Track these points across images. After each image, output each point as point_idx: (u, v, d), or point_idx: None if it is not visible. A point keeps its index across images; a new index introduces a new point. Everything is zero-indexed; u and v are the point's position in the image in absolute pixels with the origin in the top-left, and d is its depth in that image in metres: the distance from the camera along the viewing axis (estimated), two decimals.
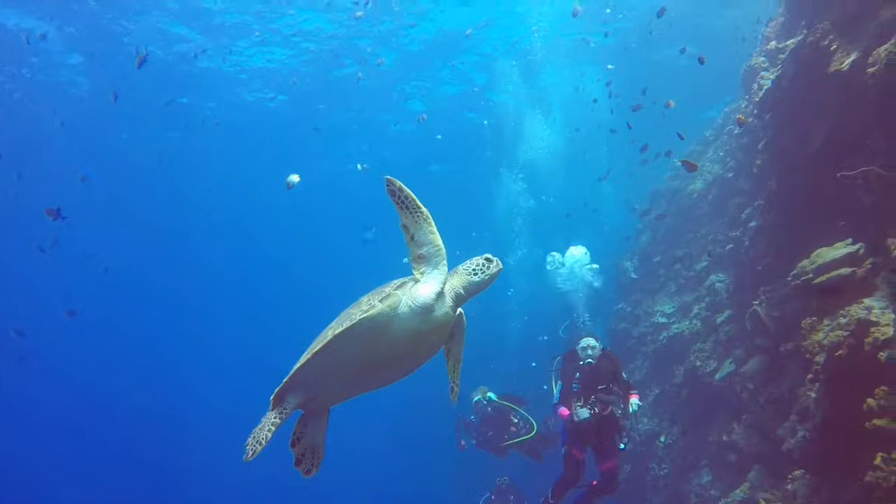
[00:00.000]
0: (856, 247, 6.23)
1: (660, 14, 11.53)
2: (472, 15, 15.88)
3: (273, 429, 3.08)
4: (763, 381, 8.64)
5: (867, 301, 5.77)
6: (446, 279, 3.10)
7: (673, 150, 13.09)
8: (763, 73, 9.12)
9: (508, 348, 19.05)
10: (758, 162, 9.69)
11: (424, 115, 17.09)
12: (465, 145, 22.18)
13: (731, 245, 10.90)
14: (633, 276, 14.54)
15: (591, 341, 7.72)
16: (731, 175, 12.56)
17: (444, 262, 3.04)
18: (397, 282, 3.14)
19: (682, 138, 11.97)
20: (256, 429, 3.10)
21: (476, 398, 10.39)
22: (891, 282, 5.37)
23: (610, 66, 14.63)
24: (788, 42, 8.64)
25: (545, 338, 15.30)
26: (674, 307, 12.81)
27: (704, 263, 12.43)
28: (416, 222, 2.92)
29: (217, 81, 18.25)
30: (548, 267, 13.35)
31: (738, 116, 10.49)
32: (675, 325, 12.27)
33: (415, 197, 2.85)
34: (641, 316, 13.61)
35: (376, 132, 22.09)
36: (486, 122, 20.90)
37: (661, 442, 11.30)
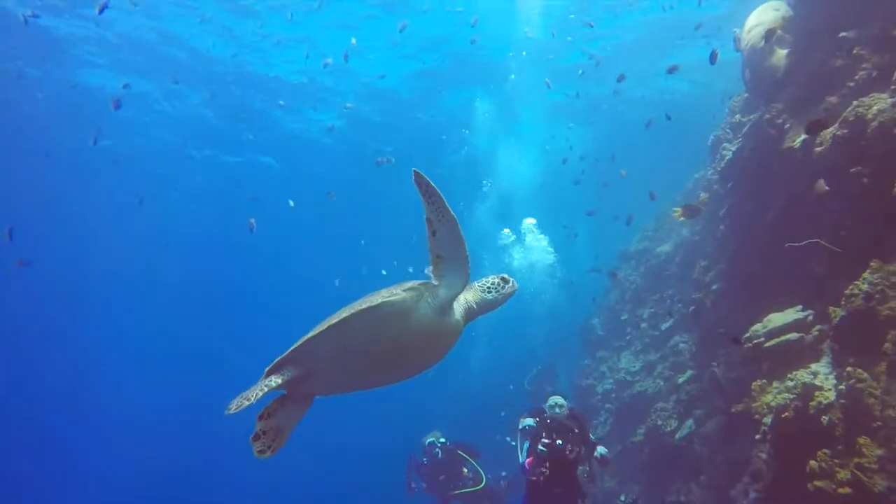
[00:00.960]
0: (805, 314, 6.51)
1: (619, 80, 12.23)
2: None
3: (266, 390, 2.98)
4: (720, 442, 8.77)
5: (814, 366, 6.00)
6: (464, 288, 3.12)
7: (635, 215, 13.57)
8: (726, 143, 9.60)
9: (472, 393, 18.97)
10: (721, 227, 10.09)
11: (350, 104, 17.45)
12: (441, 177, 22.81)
13: (694, 307, 11.18)
14: (600, 332, 14.75)
15: (560, 400, 7.57)
16: (697, 238, 12.97)
17: (467, 270, 3.03)
18: (418, 281, 3.14)
19: (653, 198, 12.43)
20: (247, 390, 3.00)
21: (428, 440, 10.27)
22: (833, 348, 5.60)
23: (570, 125, 15.24)
24: (751, 116, 9.17)
25: (511, 387, 15.30)
26: (639, 365, 12.97)
27: (669, 323, 12.70)
28: (441, 220, 2.83)
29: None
30: (500, 242, 13.42)
31: (701, 197, 11.04)
32: (640, 384, 12.40)
33: (443, 197, 2.76)
34: (606, 373, 13.75)
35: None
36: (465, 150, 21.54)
37: (621, 501, 11.26)
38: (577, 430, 7.17)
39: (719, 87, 14.20)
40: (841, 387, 5.09)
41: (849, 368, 4.92)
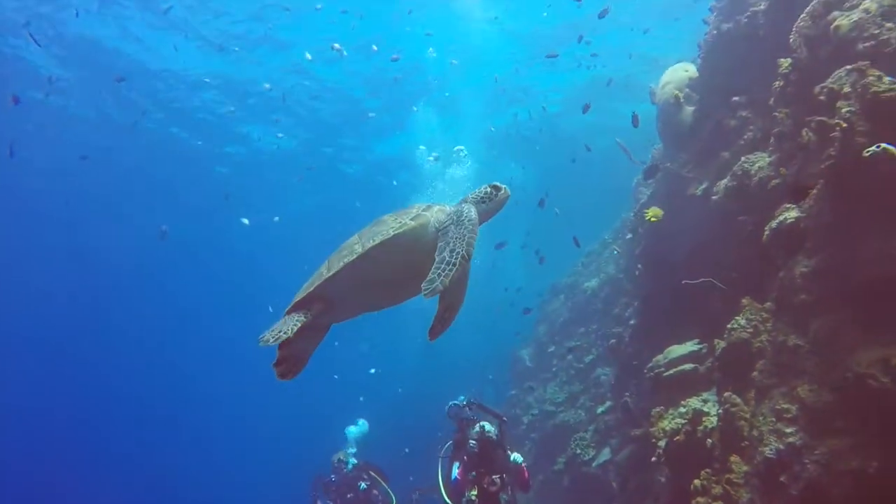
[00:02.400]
0: (700, 346, 7.14)
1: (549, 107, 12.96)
2: None
3: (298, 325, 3.12)
4: (632, 469, 9.25)
5: (705, 394, 6.59)
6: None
7: (566, 250, 14.31)
8: (642, 188, 10.37)
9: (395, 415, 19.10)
10: (638, 266, 10.80)
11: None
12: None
13: (614, 340, 11.81)
14: (529, 364, 15.24)
15: (487, 426, 7.77)
16: (621, 276, 13.72)
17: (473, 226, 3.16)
18: (422, 205, 3.32)
19: (577, 245, 13.13)
20: (278, 324, 3.15)
21: (337, 458, 10.20)
22: (717, 377, 6.20)
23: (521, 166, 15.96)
24: (665, 165, 9.99)
25: (440, 434, 15.43)
26: (563, 396, 13.48)
27: (592, 356, 13.31)
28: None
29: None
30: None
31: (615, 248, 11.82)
32: (563, 414, 12.89)
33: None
34: (532, 403, 14.21)
35: None
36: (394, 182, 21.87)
37: None
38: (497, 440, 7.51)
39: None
40: (719, 411, 5.65)
41: (726, 394, 5.48)
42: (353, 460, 10.05)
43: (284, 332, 3.04)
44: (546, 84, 19.02)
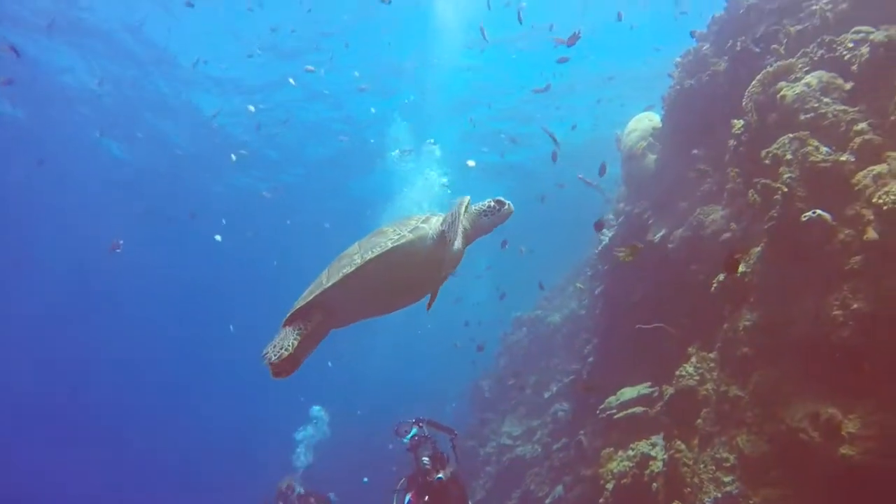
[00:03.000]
0: (651, 389, 7.33)
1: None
2: None
3: (299, 338, 3.17)
4: None
5: (654, 438, 6.75)
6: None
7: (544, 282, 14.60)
8: (604, 230, 10.66)
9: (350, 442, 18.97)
10: (598, 305, 11.05)
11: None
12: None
13: (572, 377, 11.98)
14: (487, 395, 15.31)
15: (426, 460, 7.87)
16: (583, 313, 13.97)
17: (464, 205, 3.29)
18: (421, 216, 3.38)
19: (542, 288, 13.39)
20: (278, 338, 3.20)
21: (285, 484, 10.01)
22: (665, 422, 6.38)
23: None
24: (627, 208, 10.32)
25: (391, 446, 15.42)
26: (521, 430, 13.57)
27: (552, 392, 13.45)
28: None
29: None
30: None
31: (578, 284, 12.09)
32: (520, 448, 12.97)
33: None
34: (490, 435, 14.25)
35: None
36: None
37: None
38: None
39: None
40: (665, 456, 5.82)
41: (671, 440, 5.66)
42: (300, 489, 9.91)
43: (285, 349, 3.12)
44: (517, 127, 19.48)
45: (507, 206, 3.51)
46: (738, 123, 6.36)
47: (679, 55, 9.40)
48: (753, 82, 6.22)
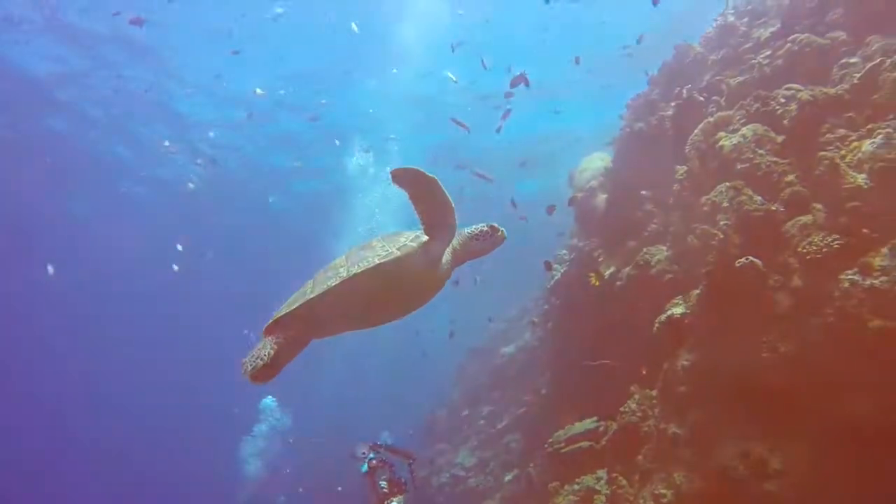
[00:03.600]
0: (597, 424, 7.47)
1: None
2: None
3: (276, 348, 3.13)
4: None
5: (599, 472, 6.86)
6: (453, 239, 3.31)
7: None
8: (556, 266, 10.92)
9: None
10: (551, 339, 11.24)
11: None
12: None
13: (524, 409, 12.10)
14: (441, 426, 15.28)
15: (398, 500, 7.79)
16: (537, 344, 14.14)
17: (454, 225, 3.19)
18: (410, 234, 3.29)
19: (490, 321, 13.53)
20: (257, 347, 3.17)
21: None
22: (609, 457, 6.52)
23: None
24: (580, 244, 10.60)
25: (340, 488, 15.16)
26: (473, 461, 13.55)
27: (505, 422, 13.51)
28: (425, 188, 2.98)
29: None
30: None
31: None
32: (472, 479, 12.94)
33: (421, 173, 2.90)
34: (444, 466, 14.17)
35: None
36: None
37: None
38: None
39: None
40: (608, 491, 5.95)
41: (613, 475, 5.79)
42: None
43: (261, 360, 3.10)
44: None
45: (500, 233, 3.49)
46: (682, 169, 6.68)
47: (630, 98, 9.83)
48: (696, 131, 6.56)
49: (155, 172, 22.00)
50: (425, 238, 3.20)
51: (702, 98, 7.77)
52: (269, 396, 12.32)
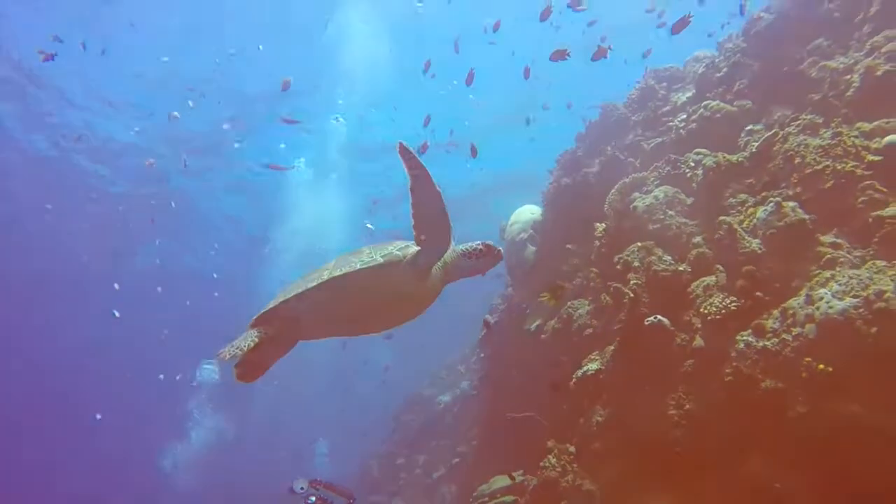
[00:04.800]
0: (522, 478, 7.43)
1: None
2: None
3: (256, 341, 3.13)
4: None
5: None
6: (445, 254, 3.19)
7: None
8: (487, 316, 11.00)
9: None
10: (483, 392, 11.22)
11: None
12: None
13: (458, 459, 11.95)
14: (376, 474, 14.90)
15: None
16: (474, 393, 14.07)
17: (448, 240, 3.08)
18: (401, 243, 3.21)
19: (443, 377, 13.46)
20: (239, 338, 3.15)
21: None
22: None
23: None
24: (511, 293, 10.74)
25: None
26: None
27: (440, 472, 13.29)
28: (423, 191, 2.86)
29: None
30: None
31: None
32: None
33: (425, 169, 2.80)
34: None
35: None
36: None
37: None
38: None
39: None
40: None
41: None
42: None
43: (239, 349, 3.09)
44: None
45: (495, 252, 3.40)
46: (601, 227, 6.91)
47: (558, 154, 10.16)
48: (613, 190, 6.84)
49: None
50: (415, 249, 3.12)
51: (622, 157, 8.14)
52: None
